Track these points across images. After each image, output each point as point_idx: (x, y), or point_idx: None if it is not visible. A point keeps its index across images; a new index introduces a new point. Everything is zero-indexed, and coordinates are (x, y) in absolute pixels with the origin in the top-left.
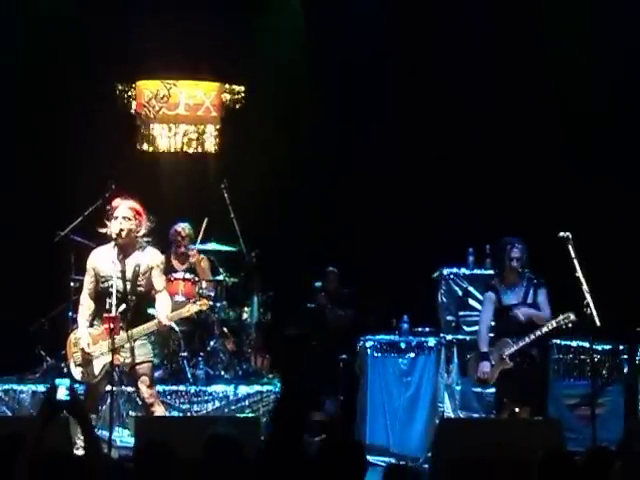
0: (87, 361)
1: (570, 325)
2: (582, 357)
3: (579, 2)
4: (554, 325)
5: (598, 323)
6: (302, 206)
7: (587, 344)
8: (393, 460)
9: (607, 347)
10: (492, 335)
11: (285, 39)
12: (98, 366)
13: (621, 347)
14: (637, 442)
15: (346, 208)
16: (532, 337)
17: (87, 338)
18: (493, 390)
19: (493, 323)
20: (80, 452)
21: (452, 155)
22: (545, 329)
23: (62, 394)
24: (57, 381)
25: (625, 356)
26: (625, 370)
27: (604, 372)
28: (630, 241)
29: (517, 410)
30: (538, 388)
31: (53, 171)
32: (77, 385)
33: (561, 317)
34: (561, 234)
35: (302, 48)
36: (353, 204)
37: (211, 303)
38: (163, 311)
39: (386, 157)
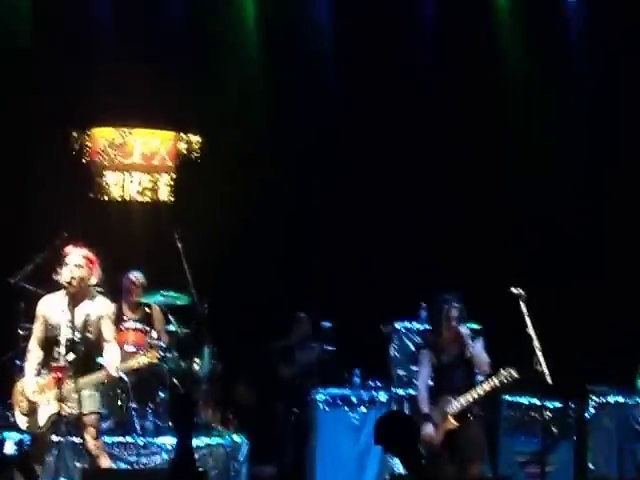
0: (33, 410)
1: (511, 381)
2: (532, 414)
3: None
4: (496, 383)
5: (549, 380)
6: (256, 257)
7: (537, 401)
8: None
9: (557, 404)
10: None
11: (242, 88)
12: (44, 416)
13: (571, 404)
14: None
15: (299, 262)
16: (475, 396)
17: (33, 386)
18: None
19: (431, 382)
20: None
21: (407, 209)
22: (487, 387)
23: (10, 448)
24: (5, 434)
25: (574, 414)
26: (575, 427)
27: (554, 429)
28: (580, 298)
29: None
30: (483, 444)
31: (3, 216)
32: (23, 436)
33: (503, 373)
34: (513, 290)
35: (259, 98)
36: (306, 257)
37: (161, 354)
38: (112, 362)
39: (341, 209)
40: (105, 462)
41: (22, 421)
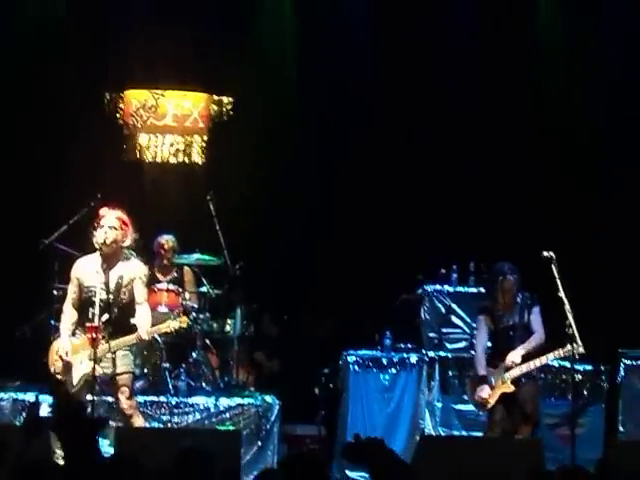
0: (67, 370)
1: (576, 356)
2: (563, 377)
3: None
4: (561, 355)
5: (580, 344)
6: (287, 219)
7: (568, 364)
8: None
9: (588, 367)
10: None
11: (274, 51)
12: (77, 375)
13: (602, 368)
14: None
15: (331, 221)
16: (537, 364)
17: (68, 346)
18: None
19: (489, 344)
20: (60, 461)
21: (437, 171)
22: (552, 357)
23: (45, 411)
24: (40, 398)
25: (605, 377)
26: (606, 391)
27: (585, 392)
28: (613, 261)
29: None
30: (537, 406)
31: (38, 179)
32: None
33: (569, 348)
34: (544, 253)
35: (291, 61)
36: (337, 217)
37: (193, 315)
38: (143, 325)
39: (370, 172)
40: (139, 421)
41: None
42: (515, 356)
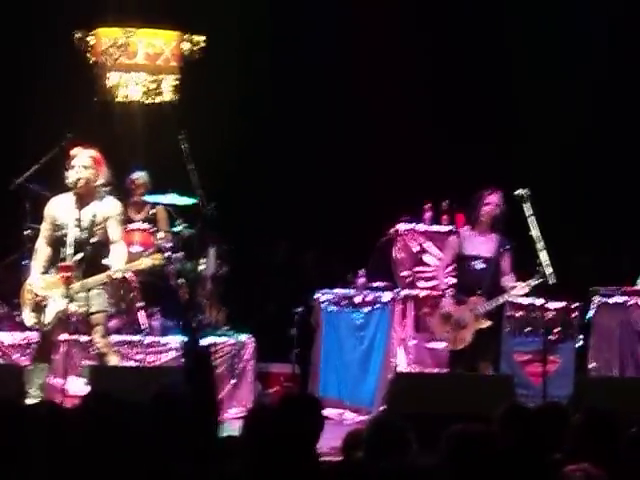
0: (40, 308)
1: (546, 285)
2: (534, 314)
3: None
4: (531, 284)
5: (553, 280)
6: (261, 158)
7: (540, 301)
8: (346, 413)
9: (559, 305)
10: (452, 290)
11: None
12: (51, 313)
13: (573, 305)
14: (585, 398)
15: (304, 160)
16: (506, 297)
17: (41, 283)
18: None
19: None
20: (31, 401)
21: (409, 109)
22: (521, 291)
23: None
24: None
25: (576, 314)
26: (577, 328)
27: (556, 330)
28: (586, 197)
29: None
30: (498, 344)
31: (9, 118)
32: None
33: (539, 276)
34: (518, 192)
35: None
36: (311, 156)
37: (168, 254)
38: (116, 263)
39: (345, 108)
40: (113, 360)
41: (29, 318)
42: (519, 288)
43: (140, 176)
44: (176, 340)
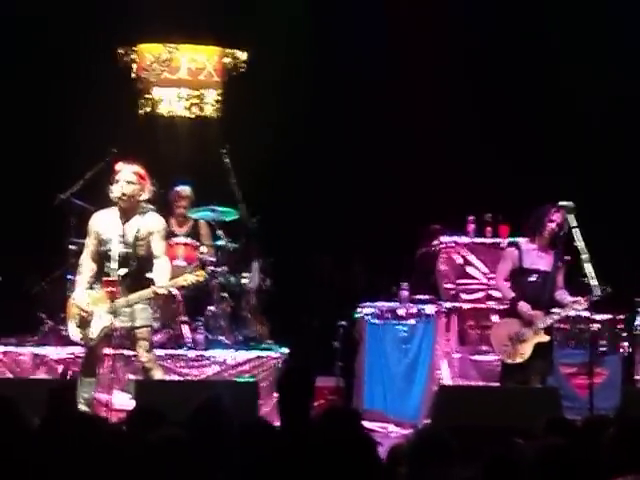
0: (86, 322)
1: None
2: (580, 326)
3: None
4: (592, 300)
5: (599, 292)
6: (303, 172)
7: (586, 313)
8: (391, 426)
9: (606, 317)
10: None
11: (288, 3)
12: (97, 328)
13: (620, 317)
14: (633, 409)
15: (346, 174)
16: (567, 312)
17: (86, 298)
18: (493, 358)
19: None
20: (84, 409)
21: (452, 123)
22: (581, 307)
23: None
24: None
25: (623, 326)
26: (623, 340)
27: (602, 342)
28: (631, 209)
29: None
30: (552, 358)
31: (54, 135)
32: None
33: (600, 290)
34: (564, 203)
35: (306, 13)
36: (354, 170)
37: (211, 268)
38: (160, 279)
39: (388, 122)
40: (158, 374)
41: (75, 333)
42: (580, 304)
43: (185, 189)
44: (219, 354)
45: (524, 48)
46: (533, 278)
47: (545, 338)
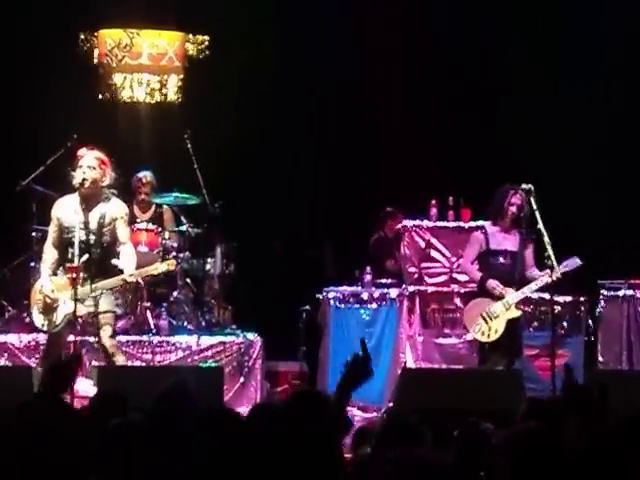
0: (50, 309)
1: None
2: (542, 308)
3: None
4: (562, 271)
5: (560, 275)
6: (265, 157)
7: (547, 295)
8: (355, 409)
9: (568, 299)
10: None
11: None
12: (60, 314)
13: (581, 299)
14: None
15: (308, 158)
16: (539, 284)
17: (51, 285)
18: (457, 341)
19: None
20: None
21: (415, 109)
22: (555, 276)
23: None
24: None
25: (584, 308)
26: (585, 321)
27: (564, 324)
28: (593, 192)
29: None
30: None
31: (14, 120)
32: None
33: (569, 263)
34: (523, 186)
35: None
36: (315, 154)
37: (173, 254)
38: (128, 266)
39: (350, 104)
40: (120, 360)
41: (39, 320)
42: (548, 276)
43: (146, 175)
44: (183, 340)
45: (489, 38)
46: (502, 259)
47: (516, 313)
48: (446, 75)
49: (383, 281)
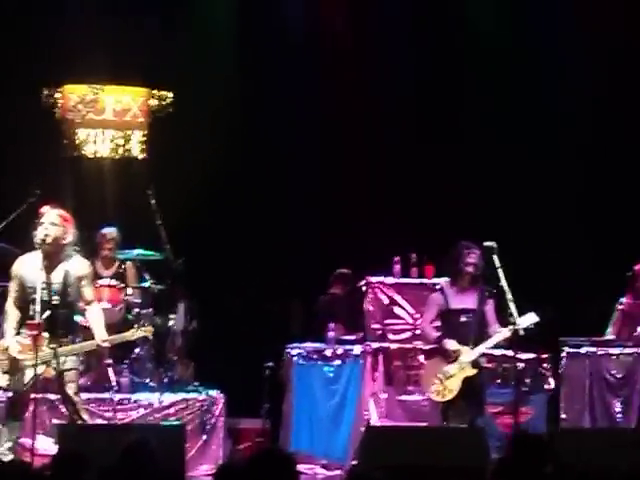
0: (16, 369)
1: (532, 327)
2: (505, 365)
3: None
4: (518, 328)
5: (522, 332)
6: (230, 214)
7: (511, 352)
8: (318, 467)
9: (530, 356)
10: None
11: (213, 43)
12: (29, 375)
13: (544, 356)
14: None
15: (274, 215)
16: (495, 340)
17: (16, 346)
18: (420, 398)
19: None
20: (5, 458)
21: (376, 164)
22: (507, 333)
23: None
24: None
25: (547, 365)
26: (548, 379)
27: (527, 381)
28: (552, 249)
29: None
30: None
31: None
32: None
33: (525, 319)
34: (486, 243)
35: (232, 53)
36: (280, 211)
37: (136, 311)
38: (100, 331)
39: (313, 162)
40: (86, 417)
41: (3, 380)
42: (503, 333)
43: (110, 231)
44: (145, 397)
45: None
46: (464, 318)
47: (472, 372)
48: (414, 131)
49: (347, 338)
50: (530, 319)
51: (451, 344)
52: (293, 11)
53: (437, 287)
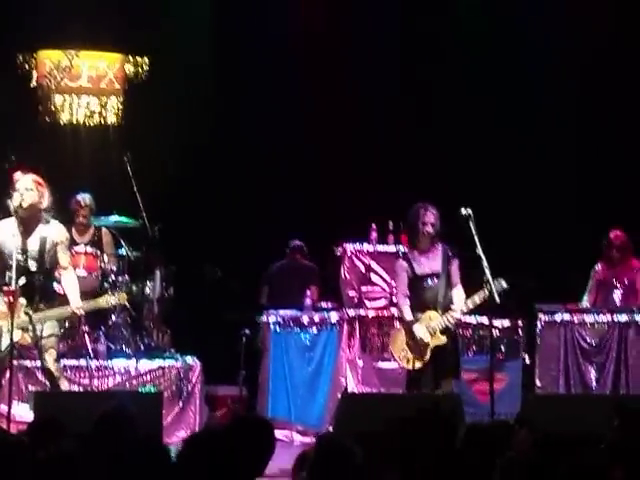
0: None
1: (501, 291)
2: (481, 333)
3: None
4: (486, 294)
5: (498, 299)
6: (206, 180)
7: (486, 320)
8: (295, 433)
9: (505, 323)
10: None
11: (191, 9)
12: (5, 342)
13: (519, 323)
14: (533, 416)
15: (250, 182)
16: (463, 309)
17: None
18: (396, 365)
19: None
20: None
21: (353, 130)
22: (477, 300)
23: None
24: None
25: (522, 332)
26: (523, 346)
27: (502, 348)
28: (529, 215)
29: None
30: (458, 358)
31: None
32: None
33: (494, 284)
34: (462, 211)
35: (208, 18)
36: (256, 177)
37: (112, 278)
38: (74, 297)
39: (289, 129)
40: (65, 384)
41: None
42: (464, 305)
43: (85, 198)
44: (121, 364)
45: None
46: (428, 283)
47: (442, 340)
48: (390, 100)
49: (323, 305)
50: (499, 286)
51: (419, 331)
52: None
53: (400, 254)
